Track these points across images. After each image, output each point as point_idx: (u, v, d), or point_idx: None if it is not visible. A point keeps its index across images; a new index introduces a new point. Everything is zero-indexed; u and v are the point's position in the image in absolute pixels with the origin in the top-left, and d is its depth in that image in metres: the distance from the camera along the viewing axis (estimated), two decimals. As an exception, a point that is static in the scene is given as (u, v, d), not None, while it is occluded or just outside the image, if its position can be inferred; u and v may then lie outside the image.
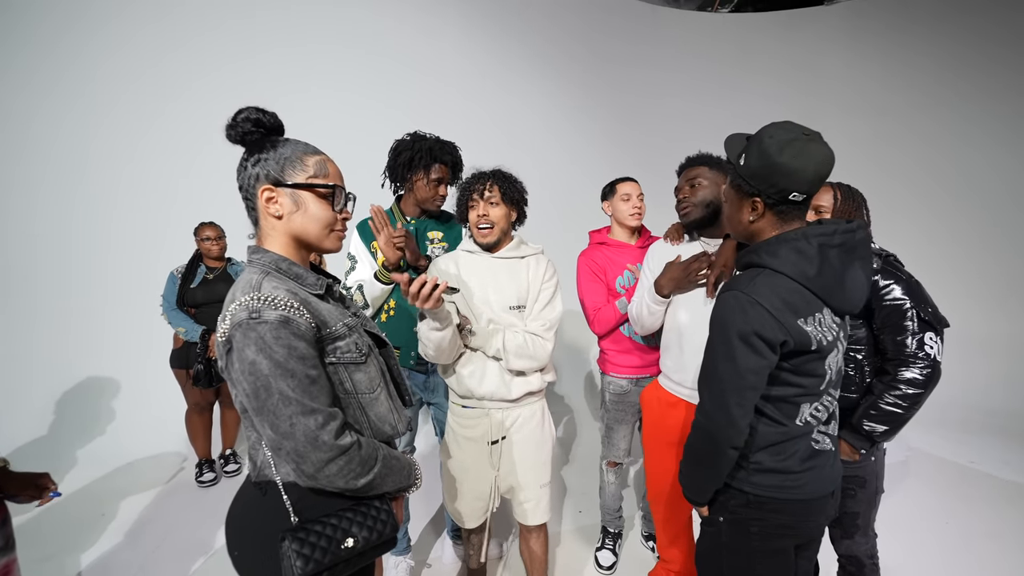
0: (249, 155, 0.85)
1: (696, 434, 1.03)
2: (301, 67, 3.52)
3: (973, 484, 2.67)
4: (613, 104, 4.51)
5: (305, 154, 0.87)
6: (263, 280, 0.80)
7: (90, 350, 3.18)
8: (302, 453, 0.76)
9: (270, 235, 0.87)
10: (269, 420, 0.76)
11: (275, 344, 0.74)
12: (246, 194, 0.86)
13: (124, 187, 3.24)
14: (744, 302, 0.92)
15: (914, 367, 1.24)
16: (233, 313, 0.76)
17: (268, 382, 0.74)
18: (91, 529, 2.26)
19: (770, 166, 0.93)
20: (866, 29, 4.69)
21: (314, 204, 0.87)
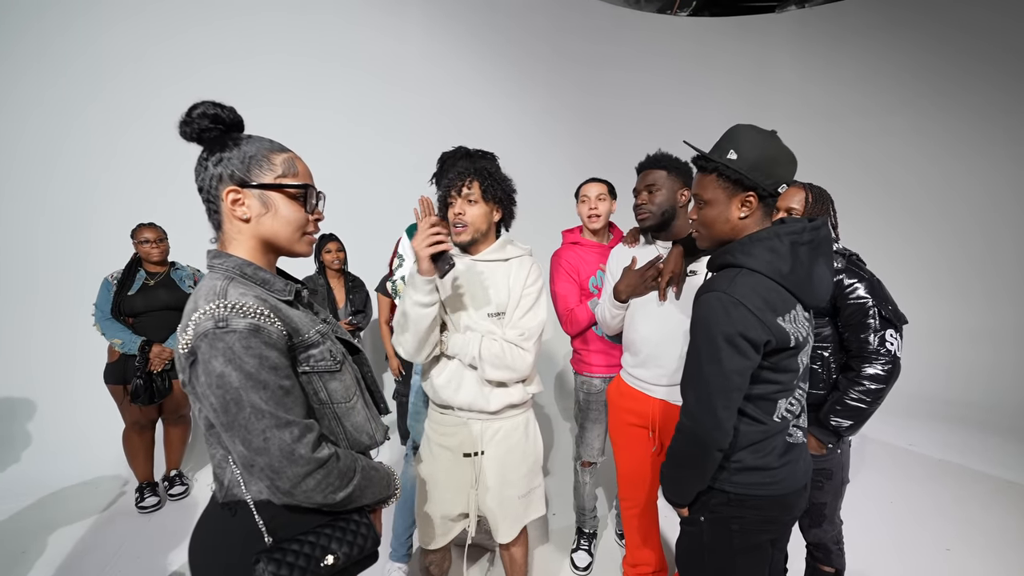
0: (209, 154, 0.79)
1: (681, 437, 1.02)
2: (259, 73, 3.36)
3: (913, 465, 2.89)
4: (578, 105, 4.59)
5: (271, 152, 0.81)
6: (228, 286, 0.74)
7: (5, 371, 2.85)
8: (277, 469, 0.72)
9: (235, 239, 0.81)
10: (240, 435, 0.71)
11: (245, 354, 0.70)
12: (207, 196, 0.80)
13: (48, 186, 2.93)
14: (727, 303, 0.92)
15: (876, 363, 1.29)
16: (197, 322, 0.70)
17: (238, 395, 0.70)
18: (11, 570, 2.00)
19: (769, 157, 0.96)
20: (812, 38, 5.01)
21: (285, 205, 0.81)
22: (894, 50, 4.72)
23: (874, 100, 4.78)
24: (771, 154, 0.97)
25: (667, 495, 1.11)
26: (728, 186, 0.99)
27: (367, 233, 3.15)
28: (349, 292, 2.84)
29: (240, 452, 0.73)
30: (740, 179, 0.97)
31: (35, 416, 2.89)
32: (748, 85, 5.04)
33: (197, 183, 0.81)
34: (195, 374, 0.71)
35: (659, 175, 1.46)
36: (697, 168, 1.06)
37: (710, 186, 1.02)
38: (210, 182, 0.79)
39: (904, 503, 2.47)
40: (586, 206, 1.85)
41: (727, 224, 1.02)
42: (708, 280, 1.02)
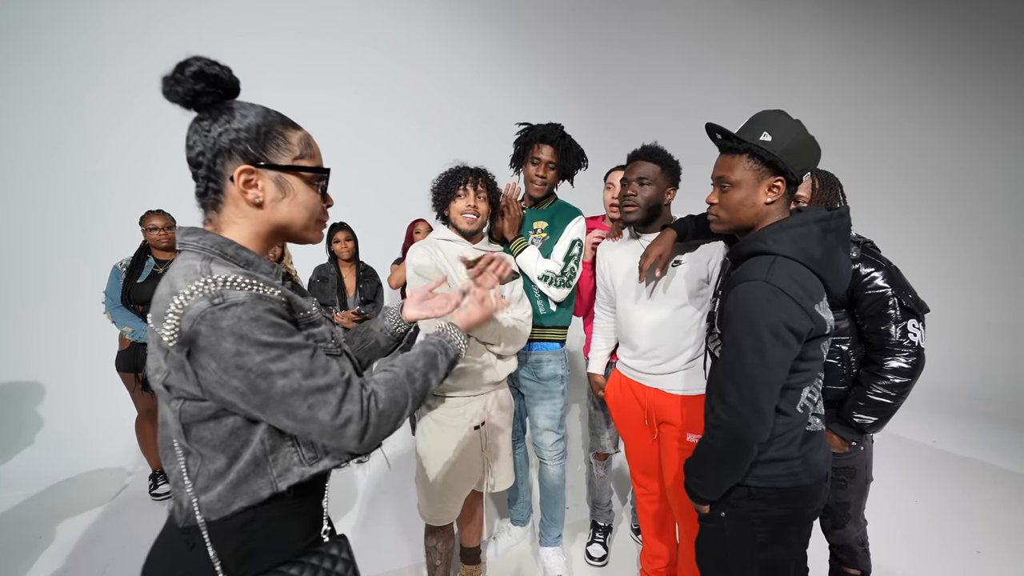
0: (212, 122, 0.68)
1: (717, 433, 0.98)
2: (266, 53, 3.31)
3: (938, 463, 2.80)
4: (593, 86, 4.54)
5: (286, 128, 0.73)
6: (209, 264, 0.66)
7: (14, 353, 2.86)
8: (334, 433, 0.67)
9: (236, 224, 0.72)
10: (283, 410, 0.64)
11: (256, 326, 0.62)
12: (207, 172, 0.69)
13: (55, 174, 2.93)
14: (769, 292, 0.89)
15: (899, 356, 1.24)
16: (184, 306, 0.61)
17: (265, 368, 0.62)
18: (26, 555, 2.01)
19: (804, 142, 0.96)
20: (834, 20, 4.85)
21: (304, 191, 0.74)
22: (917, 33, 4.56)
23: (897, 85, 4.64)
24: (803, 140, 0.96)
25: (695, 492, 1.07)
26: (759, 169, 0.97)
27: (378, 221, 3.11)
28: (360, 281, 2.81)
29: (289, 427, 0.67)
30: (774, 161, 0.95)
31: (45, 403, 2.91)
32: (768, 68, 4.90)
33: (190, 155, 0.70)
34: (199, 364, 0.63)
35: (651, 168, 1.42)
36: (724, 150, 1.04)
37: (739, 168, 0.99)
38: (212, 156, 0.69)
39: (930, 502, 2.39)
40: (610, 194, 1.80)
41: (752, 208, 0.99)
42: (739, 269, 1.00)
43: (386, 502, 2.40)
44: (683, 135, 2.44)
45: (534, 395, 1.77)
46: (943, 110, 4.47)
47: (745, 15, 4.93)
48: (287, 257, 2.74)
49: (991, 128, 4.26)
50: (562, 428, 1.82)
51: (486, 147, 1.86)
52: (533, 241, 1.71)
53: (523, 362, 1.75)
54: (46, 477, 2.56)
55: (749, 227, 1.02)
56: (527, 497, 2.08)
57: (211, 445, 0.68)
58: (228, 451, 0.68)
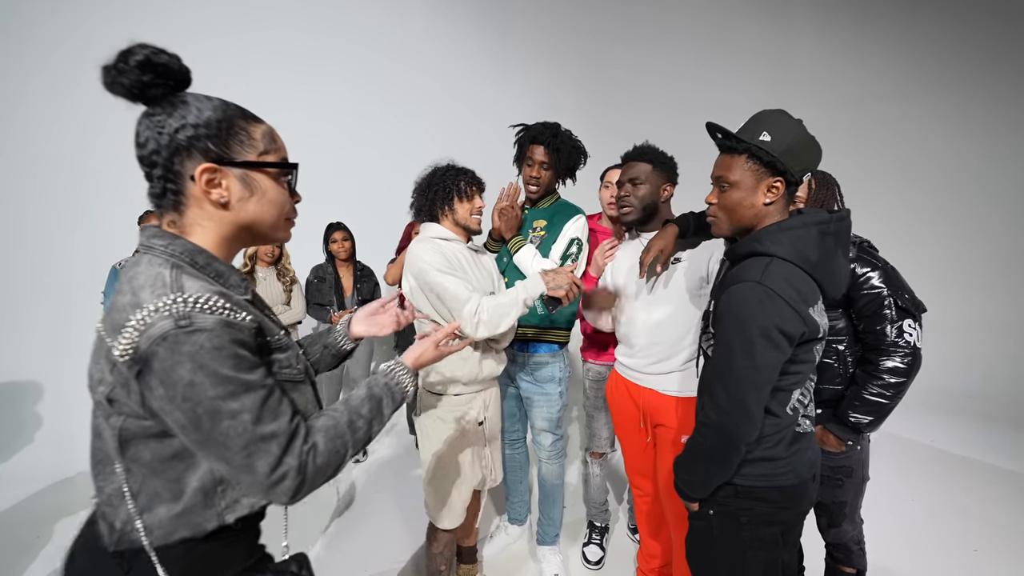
0: (166, 117, 0.63)
1: (706, 432, 0.99)
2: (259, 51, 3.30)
3: (935, 462, 2.80)
4: (591, 83, 4.51)
5: (247, 122, 0.68)
6: (180, 276, 0.62)
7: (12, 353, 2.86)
8: (267, 488, 0.62)
9: (202, 226, 0.67)
10: (218, 452, 0.60)
11: (219, 356, 0.58)
12: (164, 172, 0.64)
13: (53, 175, 2.92)
14: (761, 294, 0.89)
15: (895, 356, 1.24)
16: (146, 322, 0.57)
17: (215, 406, 0.58)
18: (24, 554, 2.02)
19: (802, 143, 0.95)
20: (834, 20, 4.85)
21: (272, 188, 0.70)
22: (916, 33, 4.55)
23: (896, 84, 4.63)
24: (804, 140, 0.95)
25: (683, 490, 1.08)
26: (758, 169, 0.97)
27: (374, 220, 3.11)
28: (357, 281, 2.81)
29: (221, 471, 0.63)
30: (773, 162, 0.94)
31: (43, 402, 2.91)
32: (768, 66, 4.88)
33: (141, 153, 0.64)
34: (147, 385, 0.58)
35: (643, 168, 1.43)
36: (723, 149, 1.03)
37: (737, 168, 0.98)
38: (168, 155, 0.63)
39: (927, 502, 2.39)
40: (608, 192, 1.80)
41: (751, 209, 0.99)
42: (735, 270, 0.99)
43: (384, 501, 2.40)
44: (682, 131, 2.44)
45: (532, 396, 1.77)
46: (944, 109, 4.46)
47: (745, 12, 4.93)
48: (285, 257, 2.75)
49: (992, 128, 4.25)
50: (560, 429, 1.82)
51: (482, 145, 1.87)
52: (532, 240, 1.71)
53: (522, 363, 1.76)
54: (44, 477, 2.57)
55: (749, 228, 1.01)
56: (525, 496, 2.09)
57: (150, 467, 0.63)
58: (170, 473, 0.64)
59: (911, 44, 4.59)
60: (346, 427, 0.71)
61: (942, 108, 4.46)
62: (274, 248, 2.65)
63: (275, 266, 2.70)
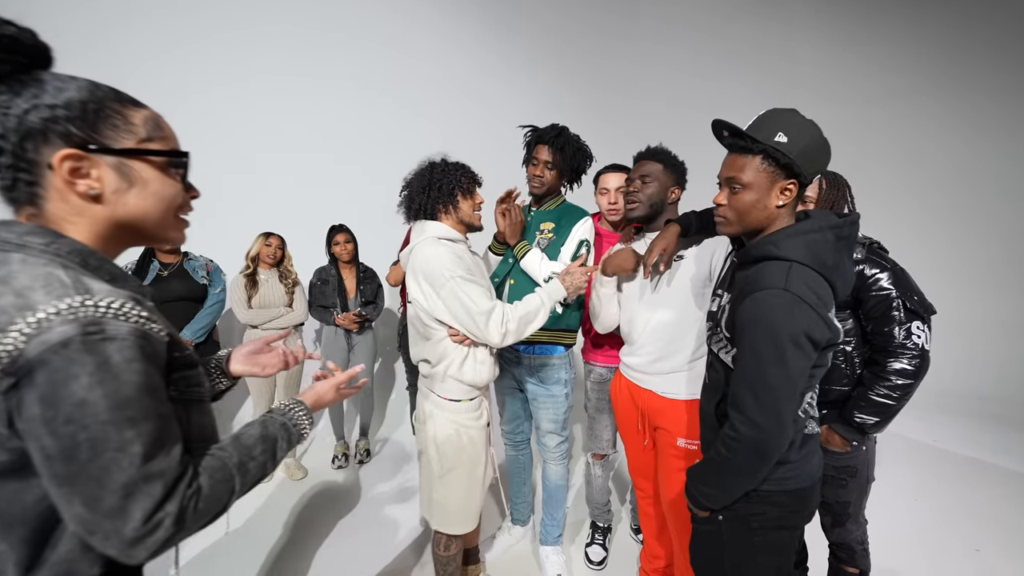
0: (12, 96, 0.54)
1: (737, 446, 0.94)
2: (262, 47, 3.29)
3: (940, 463, 2.79)
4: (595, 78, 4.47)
5: (123, 105, 0.59)
6: (80, 277, 0.53)
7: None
8: (134, 539, 0.51)
9: (71, 223, 0.57)
10: (87, 492, 0.49)
11: (126, 372, 0.50)
12: (13, 160, 0.55)
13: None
14: (789, 301, 0.87)
15: (903, 358, 1.23)
16: (41, 326, 0.47)
17: (103, 433, 0.48)
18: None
19: (819, 144, 0.93)
20: (837, 15, 4.81)
21: (157, 179, 0.61)
22: (921, 27, 4.52)
23: (902, 80, 4.59)
24: (818, 142, 0.93)
25: (701, 501, 1.04)
26: (773, 171, 0.94)
27: (377, 222, 3.11)
28: (360, 283, 2.83)
29: (77, 515, 0.50)
30: (790, 164, 0.92)
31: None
32: (772, 62, 4.84)
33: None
34: (18, 403, 0.48)
35: (654, 167, 1.44)
36: (735, 149, 0.98)
37: (751, 169, 0.95)
38: (18, 139, 0.54)
39: (931, 501, 2.38)
40: (605, 199, 1.78)
41: (764, 212, 0.96)
42: (752, 274, 0.97)
43: (386, 502, 2.42)
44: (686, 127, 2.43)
45: (538, 398, 1.77)
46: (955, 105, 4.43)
47: (748, 9, 4.89)
48: (287, 259, 2.76)
49: (1002, 123, 4.22)
50: (565, 430, 1.82)
51: (487, 144, 1.86)
52: (539, 242, 1.71)
53: (528, 365, 1.76)
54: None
55: (758, 230, 0.99)
56: (528, 497, 2.10)
57: (5, 520, 0.52)
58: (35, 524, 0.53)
59: (916, 39, 4.55)
60: (235, 469, 0.63)
61: (952, 103, 4.42)
62: (276, 250, 2.66)
63: (277, 268, 2.71)
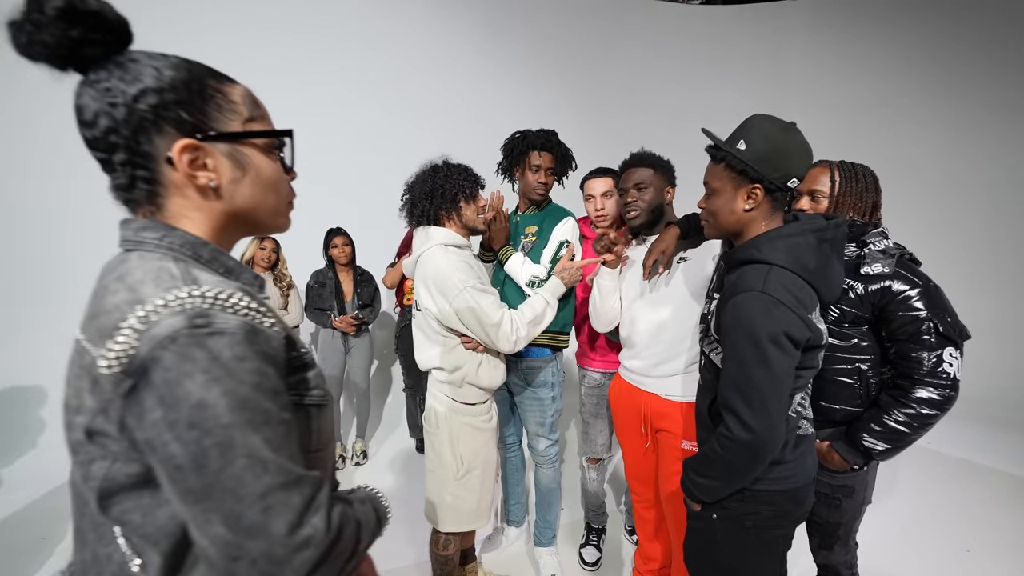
0: (116, 80, 0.48)
1: (731, 446, 0.95)
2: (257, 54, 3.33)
3: (932, 464, 2.82)
4: (589, 86, 4.54)
5: (218, 81, 0.53)
6: (190, 269, 0.49)
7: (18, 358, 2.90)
8: (281, 559, 0.43)
9: (188, 218, 0.53)
10: (224, 508, 0.42)
11: (239, 369, 0.44)
12: (128, 156, 0.49)
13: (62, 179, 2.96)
14: (767, 303, 0.90)
15: (930, 386, 1.10)
16: (149, 320, 0.43)
17: (229, 437, 0.42)
18: (32, 556, 2.05)
19: (777, 149, 0.95)
20: (829, 24, 4.87)
21: (266, 164, 0.56)
22: (911, 34, 4.58)
23: (891, 87, 4.65)
24: (782, 146, 0.94)
25: (695, 493, 1.06)
26: (735, 176, 0.98)
27: (374, 226, 3.14)
28: (357, 286, 2.84)
29: (218, 538, 0.42)
30: (745, 170, 0.96)
31: (48, 407, 2.94)
32: (763, 72, 4.93)
33: (92, 134, 0.49)
34: (136, 407, 0.42)
35: (645, 173, 1.45)
36: (709, 156, 1.05)
37: (718, 175, 1.01)
38: (131, 132, 0.48)
39: (922, 502, 2.41)
40: (592, 205, 1.77)
41: (732, 215, 1.01)
42: (734, 278, 1.00)
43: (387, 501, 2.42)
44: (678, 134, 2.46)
45: (525, 401, 1.79)
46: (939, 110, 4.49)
47: (740, 16, 4.97)
48: (282, 263, 2.78)
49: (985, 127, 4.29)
50: (554, 433, 1.83)
51: (482, 149, 1.87)
52: (524, 246, 1.73)
53: (515, 368, 1.77)
54: (48, 480, 2.59)
55: (736, 232, 1.03)
56: (523, 498, 2.11)
57: (141, 533, 0.47)
58: (167, 543, 0.47)
59: (905, 46, 4.61)
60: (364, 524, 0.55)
61: (940, 110, 4.48)
62: (271, 253, 2.67)
63: (272, 271, 2.72)
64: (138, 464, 0.46)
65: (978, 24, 4.30)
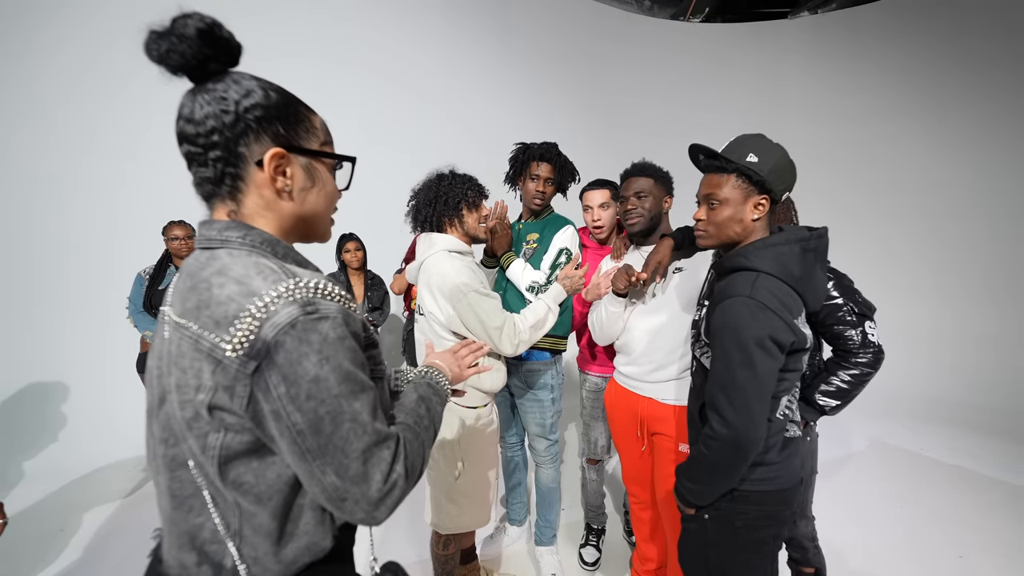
0: (230, 91, 0.57)
1: (714, 444, 1.00)
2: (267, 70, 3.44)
3: (926, 470, 2.84)
4: (590, 105, 4.65)
5: (307, 111, 0.64)
6: (283, 264, 0.57)
7: (41, 355, 3.00)
8: (376, 500, 0.55)
9: (263, 217, 0.61)
10: (336, 462, 0.53)
11: (341, 348, 0.53)
12: (225, 153, 0.57)
13: (85, 183, 3.07)
14: (753, 307, 0.94)
15: (864, 355, 1.32)
16: (268, 311, 0.51)
17: (338, 405, 0.52)
18: (49, 546, 2.12)
19: (787, 164, 1.01)
20: (825, 41, 4.99)
21: (329, 180, 0.67)
22: (907, 54, 4.69)
23: (888, 104, 4.74)
24: (785, 162, 1.02)
25: (687, 497, 1.09)
26: (747, 187, 1.03)
27: (384, 231, 3.23)
28: (368, 290, 2.93)
29: (331, 484, 0.53)
30: (762, 181, 1.00)
31: (70, 401, 3.03)
32: (761, 88, 5.03)
33: (198, 130, 0.56)
34: (264, 384, 0.51)
35: (646, 182, 1.50)
36: (710, 169, 1.08)
37: (727, 186, 1.04)
38: (234, 135, 0.57)
39: (916, 507, 2.44)
40: (589, 216, 1.84)
41: (740, 225, 1.04)
42: (724, 284, 1.04)
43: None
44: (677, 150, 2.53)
45: (525, 403, 1.84)
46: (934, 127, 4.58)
47: (737, 34, 5.09)
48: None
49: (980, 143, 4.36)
50: (554, 434, 1.88)
51: (487, 161, 1.96)
52: (525, 252, 1.80)
53: (516, 371, 1.82)
54: (67, 473, 2.68)
55: (735, 242, 1.07)
56: (524, 498, 2.16)
57: (255, 493, 0.56)
58: (277, 498, 0.56)
59: (897, 61, 4.72)
60: (418, 428, 0.67)
61: (932, 123, 4.57)
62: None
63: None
64: (250, 433, 0.55)
65: (968, 43, 4.42)
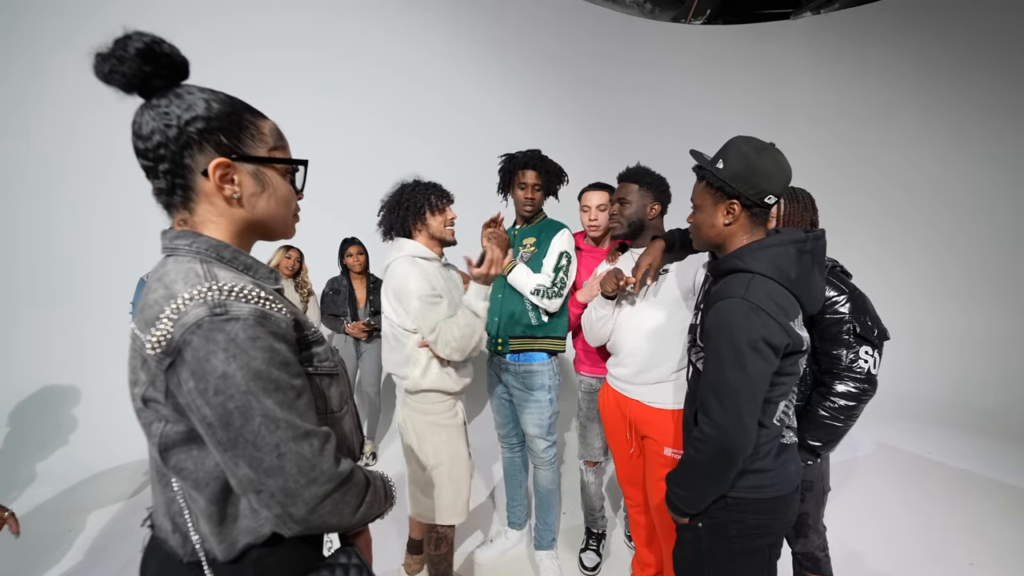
0: (173, 107, 0.60)
1: (703, 447, 0.99)
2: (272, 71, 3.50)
3: (933, 475, 2.80)
4: (593, 107, 4.67)
5: (254, 117, 0.66)
6: (212, 268, 0.61)
7: (53, 359, 3.05)
8: (293, 492, 0.57)
9: (212, 223, 0.65)
10: (247, 454, 0.56)
11: (252, 347, 0.55)
12: (172, 167, 0.61)
13: (110, 185, 3.12)
14: (747, 308, 0.93)
15: (848, 380, 1.24)
16: (179, 311, 0.55)
17: (246, 401, 0.55)
18: (56, 547, 2.15)
19: (751, 168, 1.00)
20: (828, 42, 4.96)
21: (282, 184, 0.69)
22: (911, 53, 4.66)
23: (890, 103, 4.71)
24: (756, 166, 0.99)
25: (678, 505, 1.08)
26: (713, 193, 1.04)
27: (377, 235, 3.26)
28: (370, 293, 2.95)
29: (244, 476, 0.57)
30: (722, 187, 1.02)
31: (81, 404, 3.09)
32: (763, 89, 5.00)
33: (145, 146, 0.60)
34: (178, 379, 0.55)
35: (631, 188, 1.54)
36: (695, 174, 1.11)
37: (700, 192, 1.08)
38: (178, 148, 0.60)
39: (923, 513, 2.40)
40: (587, 216, 1.89)
41: (713, 229, 1.06)
42: (719, 286, 1.04)
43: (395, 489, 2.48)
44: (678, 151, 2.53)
45: (523, 404, 1.85)
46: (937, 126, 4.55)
47: (739, 35, 5.07)
48: (304, 271, 2.90)
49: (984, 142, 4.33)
50: (552, 435, 1.89)
51: (491, 162, 1.97)
52: (523, 256, 1.84)
53: (514, 372, 1.84)
54: (76, 474, 2.72)
55: (718, 245, 1.08)
56: (524, 501, 2.15)
57: (194, 479, 0.60)
58: (214, 485, 0.61)
59: (901, 60, 4.68)
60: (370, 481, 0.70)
61: (935, 124, 4.52)
62: (295, 262, 2.79)
63: (294, 279, 2.85)
64: (184, 424, 0.59)
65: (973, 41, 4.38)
